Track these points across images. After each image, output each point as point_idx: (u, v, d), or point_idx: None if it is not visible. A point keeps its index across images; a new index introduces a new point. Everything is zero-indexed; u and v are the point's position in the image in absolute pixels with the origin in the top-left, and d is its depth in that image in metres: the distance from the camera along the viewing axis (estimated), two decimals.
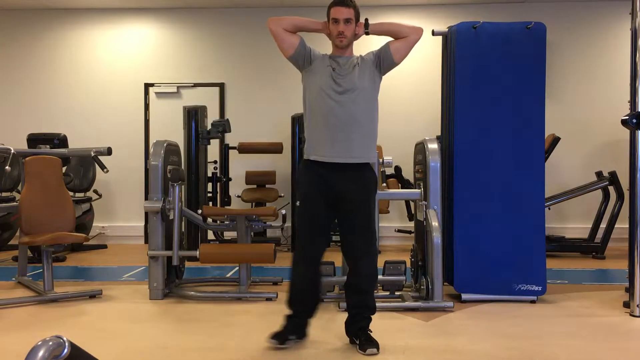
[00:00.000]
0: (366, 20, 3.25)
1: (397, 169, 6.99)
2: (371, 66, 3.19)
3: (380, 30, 3.28)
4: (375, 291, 3.78)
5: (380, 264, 4.38)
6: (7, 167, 4.68)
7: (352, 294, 3.23)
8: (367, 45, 3.65)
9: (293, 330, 3.18)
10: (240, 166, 7.48)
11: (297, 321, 3.19)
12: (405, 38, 3.20)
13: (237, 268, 5.17)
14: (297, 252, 3.27)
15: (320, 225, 3.18)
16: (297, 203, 3.24)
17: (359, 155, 3.14)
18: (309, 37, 3.31)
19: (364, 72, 3.16)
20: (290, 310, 3.21)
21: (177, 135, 6.14)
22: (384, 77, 3.31)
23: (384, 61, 3.20)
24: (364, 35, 3.27)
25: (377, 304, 4.00)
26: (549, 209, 6.41)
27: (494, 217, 4.22)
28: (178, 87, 7.88)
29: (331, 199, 3.14)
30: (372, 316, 3.24)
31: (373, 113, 3.20)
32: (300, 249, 3.23)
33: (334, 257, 4.24)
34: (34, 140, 6.44)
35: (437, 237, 3.97)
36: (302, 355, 3.07)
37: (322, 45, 3.36)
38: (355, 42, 3.26)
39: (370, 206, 3.22)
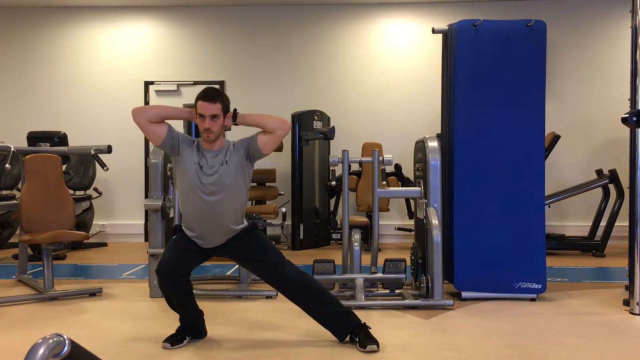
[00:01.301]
0: (235, 111, 3.22)
1: (397, 167, 6.99)
2: (241, 158, 3.18)
3: (248, 122, 3.25)
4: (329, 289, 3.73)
5: (380, 261, 4.40)
6: (7, 165, 4.68)
7: (311, 305, 3.21)
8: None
9: (187, 332, 3.27)
10: None
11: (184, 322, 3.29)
12: (272, 133, 3.18)
13: (237, 266, 5.17)
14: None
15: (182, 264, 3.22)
16: (173, 237, 3.29)
17: (233, 231, 3.21)
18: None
19: (232, 166, 3.14)
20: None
21: None
22: (381, 77, 3.30)
23: (253, 154, 3.21)
24: (233, 125, 3.27)
25: (378, 302, 4.04)
26: (549, 207, 6.41)
27: (494, 215, 4.22)
28: (178, 85, 7.88)
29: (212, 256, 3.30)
30: (351, 310, 3.24)
31: (240, 204, 3.24)
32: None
33: (334, 255, 4.25)
34: (34, 138, 6.44)
35: (437, 235, 3.97)
36: (303, 352, 3.07)
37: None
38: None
39: (260, 243, 3.25)
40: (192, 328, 3.30)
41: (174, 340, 3.18)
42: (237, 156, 3.17)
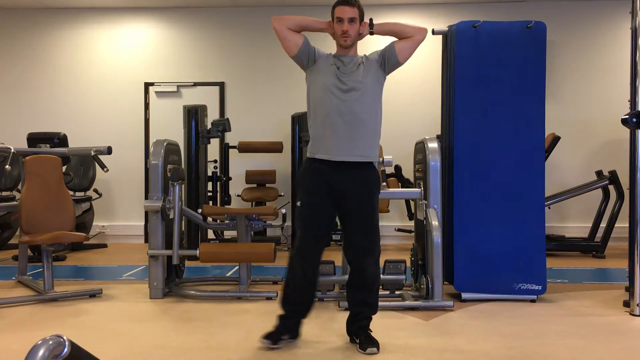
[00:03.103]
0: (371, 20, 3.24)
1: (397, 168, 6.99)
2: (375, 65, 3.18)
3: (385, 30, 3.26)
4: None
5: (380, 263, 4.39)
6: (7, 167, 4.68)
7: (354, 293, 3.22)
8: (371, 45, 3.64)
9: (286, 330, 3.17)
10: (240, 165, 7.48)
11: (290, 321, 3.18)
12: (409, 38, 3.19)
13: (237, 267, 5.17)
14: (296, 251, 3.22)
15: (322, 225, 3.17)
16: (298, 203, 3.20)
17: (363, 154, 3.12)
18: (313, 37, 3.30)
19: (369, 71, 3.14)
20: (284, 310, 3.20)
21: (177, 134, 6.14)
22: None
23: (388, 61, 3.19)
24: (369, 35, 3.26)
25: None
26: (549, 208, 6.41)
27: (494, 216, 4.22)
28: (178, 86, 7.88)
29: (334, 197, 3.13)
30: (373, 316, 3.24)
31: (377, 112, 3.17)
32: (299, 248, 3.19)
33: (334, 256, 4.24)
34: (34, 139, 6.44)
35: (437, 236, 3.97)
36: (302, 354, 3.07)
37: (327, 46, 3.35)
38: (359, 42, 3.25)
39: (374, 205, 3.20)
40: (297, 323, 3.19)
41: (274, 339, 3.11)
42: (373, 62, 3.18)
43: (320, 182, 3.13)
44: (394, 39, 3.26)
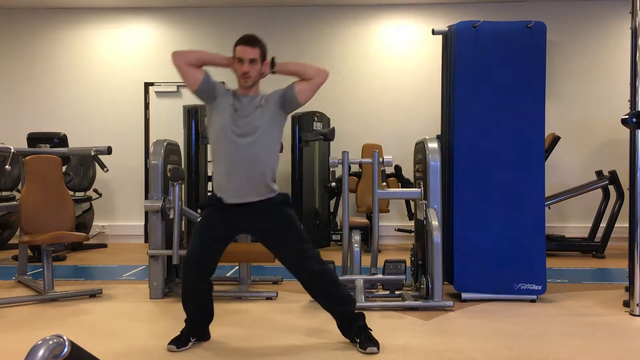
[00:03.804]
0: (273, 59, 3.21)
1: (397, 168, 6.99)
2: (274, 107, 3.16)
3: (286, 71, 3.23)
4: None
5: (380, 263, 4.39)
6: (7, 167, 4.68)
7: (321, 299, 3.22)
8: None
9: (193, 333, 3.21)
10: None
11: (188, 327, 3.23)
12: (310, 80, 3.16)
13: (237, 267, 5.17)
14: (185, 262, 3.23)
15: (209, 250, 3.17)
16: (198, 220, 3.27)
17: (261, 194, 3.13)
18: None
19: (266, 113, 3.13)
20: (186, 310, 3.26)
21: (177, 134, 6.13)
22: (381, 78, 3.29)
23: (288, 103, 3.18)
24: (270, 74, 3.24)
25: (378, 304, 4.03)
26: (549, 208, 6.41)
27: (494, 216, 4.22)
28: (178, 86, 7.87)
29: (232, 234, 3.27)
30: (361, 311, 3.23)
31: (274, 151, 3.19)
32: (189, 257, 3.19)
33: (334, 256, 4.25)
34: (34, 139, 6.44)
35: (437, 236, 3.97)
36: (303, 354, 3.07)
37: (232, 78, 3.29)
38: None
39: (290, 224, 3.17)
40: (199, 328, 3.25)
41: (179, 343, 3.14)
42: (272, 103, 3.16)
43: (220, 222, 3.15)
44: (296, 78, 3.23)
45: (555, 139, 6.61)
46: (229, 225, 3.17)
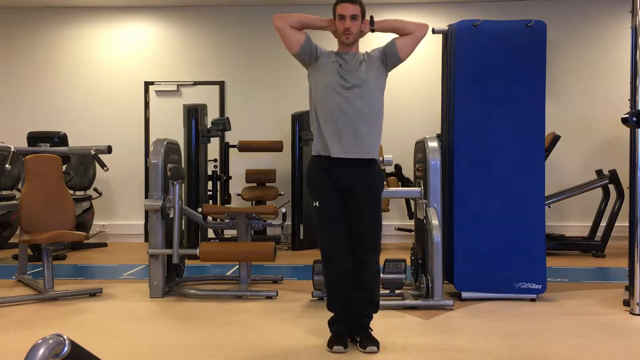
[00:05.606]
0: (371, 17, 3.25)
1: (397, 167, 6.99)
2: (377, 62, 3.19)
3: (386, 28, 3.27)
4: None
5: (380, 262, 4.39)
6: (7, 166, 4.68)
7: (357, 291, 3.20)
8: (372, 42, 3.63)
9: (343, 333, 3.15)
10: (240, 164, 7.48)
11: (342, 322, 3.16)
12: (410, 34, 3.20)
13: (237, 266, 5.17)
14: (325, 255, 3.20)
15: (341, 221, 3.15)
16: (315, 203, 3.16)
17: (366, 151, 3.12)
18: (314, 35, 3.29)
19: (370, 68, 3.15)
20: (333, 310, 3.19)
21: (177, 133, 6.13)
22: None
23: (390, 58, 3.20)
24: (370, 32, 3.26)
25: None
26: (549, 207, 6.41)
27: (494, 215, 4.22)
28: (178, 85, 7.88)
29: (341, 192, 3.15)
30: (374, 314, 3.23)
31: (379, 109, 3.18)
32: (328, 249, 3.17)
33: None
34: (34, 138, 6.43)
35: (437, 235, 3.97)
36: (303, 353, 3.07)
37: (328, 43, 3.35)
38: (360, 39, 3.24)
39: (379, 203, 3.21)
40: (350, 319, 3.16)
41: (345, 343, 3.08)
42: (375, 59, 3.19)
43: (327, 182, 3.13)
44: (395, 35, 3.25)
45: (555, 138, 6.61)
46: (338, 186, 3.11)
